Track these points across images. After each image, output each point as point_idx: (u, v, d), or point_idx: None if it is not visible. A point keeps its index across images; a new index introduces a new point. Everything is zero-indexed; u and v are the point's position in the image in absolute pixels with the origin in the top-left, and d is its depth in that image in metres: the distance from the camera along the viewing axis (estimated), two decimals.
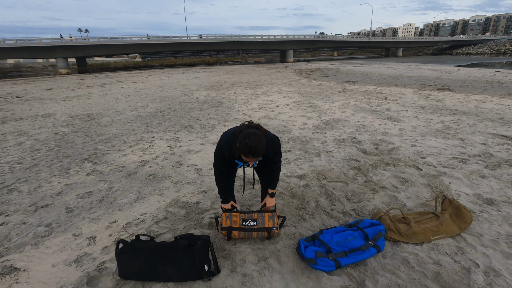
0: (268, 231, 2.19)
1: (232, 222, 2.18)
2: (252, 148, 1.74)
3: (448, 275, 1.88)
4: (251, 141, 1.74)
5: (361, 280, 1.88)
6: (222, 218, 2.20)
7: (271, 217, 2.21)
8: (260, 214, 2.22)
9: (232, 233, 2.19)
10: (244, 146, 1.75)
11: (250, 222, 2.18)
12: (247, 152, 1.76)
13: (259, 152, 1.77)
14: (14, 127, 6.57)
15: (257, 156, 1.79)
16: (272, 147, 2.04)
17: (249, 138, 1.75)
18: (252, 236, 2.23)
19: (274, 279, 1.90)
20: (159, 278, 1.89)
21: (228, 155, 1.98)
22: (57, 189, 3.34)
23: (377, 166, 3.66)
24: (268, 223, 2.19)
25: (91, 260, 2.14)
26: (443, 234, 2.26)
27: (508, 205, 2.69)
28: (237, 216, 2.20)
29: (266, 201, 2.33)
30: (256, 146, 1.74)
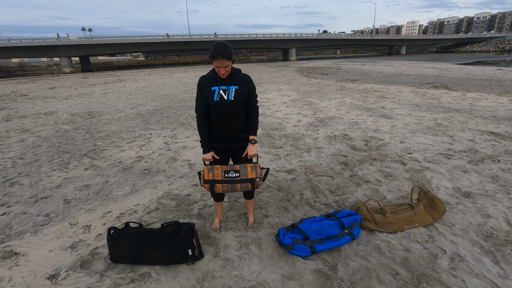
0: (251, 182, 2.13)
1: (214, 175, 2.12)
2: (219, 48, 1.89)
3: (415, 260, 2.01)
4: (218, 44, 1.91)
5: (333, 265, 2.02)
6: (204, 171, 2.15)
7: (254, 168, 2.15)
8: (242, 165, 2.16)
9: (215, 186, 2.14)
10: (212, 48, 1.91)
11: (232, 174, 2.12)
12: (215, 54, 1.89)
13: (226, 52, 1.90)
14: (17, 124, 6.78)
15: (224, 56, 1.89)
16: (242, 76, 2.11)
17: (218, 43, 1.92)
18: (235, 189, 2.17)
19: (253, 263, 2.05)
20: (147, 261, 2.05)
21: (204, 84, 2.08)
22: (57, 182, 3.52)
23: (364, 162, 3.79)
24: (251, 174, 2.13)
25: (85, 246, 2.30)
26: (416, 223, 2.39)
27: (484, 197, 2.80)
28: (219, 169, 2.14)
29: (248, 149, 2.21)
30: (223, 46, 1.91)
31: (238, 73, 2.11)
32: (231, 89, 2.06)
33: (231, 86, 2.06)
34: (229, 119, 2.11)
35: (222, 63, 1.93)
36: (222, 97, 2.05)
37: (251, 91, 2.14)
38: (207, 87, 2.08)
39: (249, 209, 2.55)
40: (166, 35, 41.85)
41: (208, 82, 2.09)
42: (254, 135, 2.24)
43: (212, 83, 2.08)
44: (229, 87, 2.06)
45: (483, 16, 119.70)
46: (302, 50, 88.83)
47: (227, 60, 1.92)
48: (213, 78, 2.08)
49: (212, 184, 2.13)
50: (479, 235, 2.25)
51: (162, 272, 1.99)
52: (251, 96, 2.15)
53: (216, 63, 1.93)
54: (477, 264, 1.95)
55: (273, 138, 4.99)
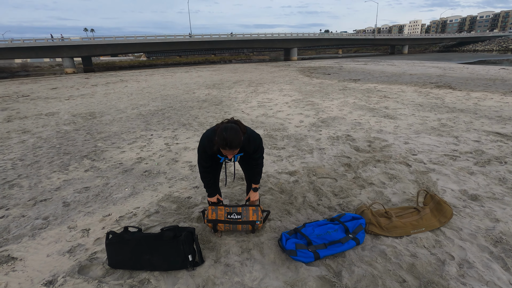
0: (252, 224, 2.28)
1: (217, 215, 2.29)
2: (228, 140, 1.83)
3: (422, 267, 1.95)
4: (227, 134, 1.83)
5: (338, 271, 1.96)
6: (208, 211, 2.31)
7: (255, 211, 2.30)
8: (244, 208, 2.31)
9: (217, 225, 2.29)
10: (221, 139, 1.85)
11: (234, 216, 2.28)
12: (224, 145, 1.85)
13: (235, 145, 1.86)
14: (18, 125, 6.76)
15: (233, 149, 1.88)
16: (250, 142, 2.11)
17: (226, 131, 1.84)
18: (237, 229, 2.33)
19: (254, 269, 1.99)
20: (146, 267, 2.00)
21: (210, 151, 2.07)
22: (56, 184, 3.48)
23: (367, 163, 3.72)
24: (252, 217, 2.28)
25: (83, 250, 2.25)
26: (423, 228, 2.32)
27: (492, 200, 2.73)
28: (222, 210, 2.30)
29: (250, 195, 2.41)
30: (232, 139, 1.84)
31: (246, 139, 2.06)
32: (236, 157, 2.11)
33: (237, 154, 2.08)
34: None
35: (231, 153, 1.93)
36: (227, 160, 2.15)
37: (257, 151, 2.19)
38: (214, 154, 2.10)
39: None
40: (189, 35, 42.23)
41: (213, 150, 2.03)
42: (256, 184, 2.36)
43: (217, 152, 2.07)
44: (235, 155, 2.07)
45: (486, 15, 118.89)
46: (304, 49, 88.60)
47: (235, 151, 1.92)
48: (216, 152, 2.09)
49: (215, 223, 2.27)
50: (488, 240, 2.19)
51: (162, 278, 1.94)
52: (254, 156, 2.21)
53: (224, 152, 1.92)
54: (487, 271, 1.89)
55: (275, 139, 4.93)
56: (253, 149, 2.16)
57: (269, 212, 2.46)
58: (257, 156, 2.23)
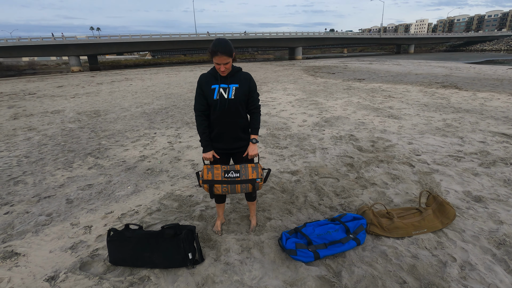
0: (252, 183, 2.05)
1: (214, 175, 2.05)
2: (220, 43, 1.86)
3: (423, 268, 1.93)
4: (218, 40, 1.88)
5: (338, 271, 1.95)
6: (204, 170, 2.08)
7: (255, 168, 2.08)
8: (243, 165, 2.09)
9: (214, 187, 2.06)
10: (212, 45, 1.87)
11: (232, 174, 2.05)
12: (215, 48, 1.85)
13: (227, 49, 1.87)
14: (24, 122, 6.84)
15: (225, 53, 1.85)
16: (243, 74, 2.07)
17: (218, 40, 1.89)
18: (236, 191, 2.08)
19: (254, 268, 1.99)
20: (146, 265, 2.01)
21: (204, 82, 2.04)
22: (60, 181, 3.51)
23: (370, 163, 3.70)
24: (252, 175, 2.06)
25: (85, 247, 2.28)
26: (425, 229, 2.30)
27: (496, 202, 2.69)
28: (219, 168, 2.07)
29: (249, 149, 2.16)
30: (224, 43, 1.87)
31: (239, 72, 2.07)
32: (231, 87, 2.02)
33: (232, 84, 2.02)
34: (229, 118, 2.06)
35: (222, 60, 1.88)
36: (222, 95, 2.00)
37: (252, 89, 2.09)
38: (207, 85, 2.03)
39: (252, 212, 2.49)
40: (207, 34, 42.54)
41: (208, 80, 2.05)
42: (256, 134, 2.18)
43: (212, 81, 2.04)
44: (230, 85, 2.02)
45: (495, 14, 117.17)
46: (308, 49, 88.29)
47: (227, 57, 1.88)
48: (213, 76, 2.04)
49: (211, 184, 2.06)
50: (491, 242, 2.16)
51: (162, 276, 1.95)
52: (252, 95, 2.10)
53: (216, 59, 1.89)
54: (489, 274, 1.86)
55: (278, 138, 4.92)
56: (247, 83, 2.06)
57: (269, 170, 2.24)
58: (255, 97, 2.11)
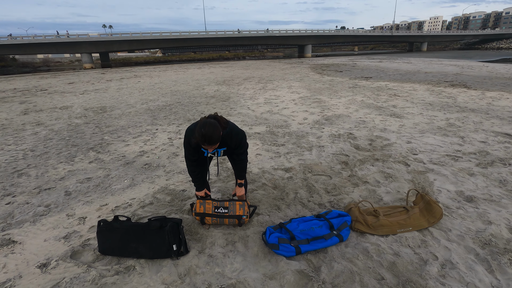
0: (238, 218, 2.34)
1: (205, 209, 2.36)
2: (206, 136, 1.88)
3: (403, 265, 1.94)
4: (205, 130, 1.87)
5: (318, 266, 1.98)
6: (196, 204, 2.39)
7: (242, 205, 2.35)
8: (231, 202, 2.37)
9: (205, 218, 2.37)
10: (199, 135, 1.90)
11: (221, 210, 2.35)
12: (202, 141, 1.91)
13: (214, 141, 1.91)
14: (33, 118, 7.07)
15: (211, 144, 1.93)
16: (232, 137, 2.16)
17: (204, 127, 1.88)
18: (224, 223, 2.39)
19: (236, 261, 2.04)
20: (132, 255, 2.08)
21: (194, 144, 2.13)
22: (61, 174, 3.64)
23: (365, 162, 3.69)
24: (238, 211, 2.34)
25: (78, 237, 2.37)
26: (410, 227, 2.30)
27: (488, 203, 2.66)
28: (210, 203, 2.36)
29: (236, 191, 2.46)
30: (210, 134, 1.88)
31: (227, 134, 2.11)
32: (219, 151, 2.19)
33: (220, 148, 2.17)
34: None
35: (210, 148, 1.99)
36: (212, 157, 2.22)
37: (238, 147, 2.23)
38: (197, 147, 2.15)
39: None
40: (237, 31, 42.93)
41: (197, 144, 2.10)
42: (242, 179, 2.40)
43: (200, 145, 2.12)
44: (218, 149, 2.16)
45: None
46: (319, 46, 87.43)
47: (215, 145, 1.97)
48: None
49: (202, 216, 2.34)
50: (476, 242, 2.15)
51: (147, 265, 2.02)
52: (238, 151, 2.25)
53: (204, 147, 1.98)
54: (469, 273, 1.86)
55: (276, 135, 4.95)
56: (235, 144, 2.20)
57: (255, 208, 2.49)
58: (240, 151, 2.27)
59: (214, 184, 3.25)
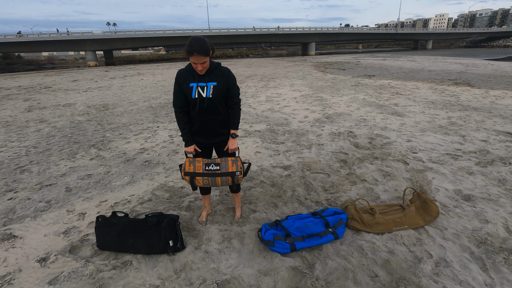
0: (231, 175, 2.12)
1: (195, 167, 2.14)
2: (196, 43, 1.83)
3: (397, 263, 1.95)
4: (195, 39, 1.85)
5: (312, 263, 1.99)
6: (185, 163, 2.18)
7: (235, 161, 2.15)
8: (223, 159, 2.18)
9: (195, 179, 2.14)
10: (188, 44, 1.84)
11: (213, 167, 2.13)
12: (191, 48, 1.82)
13: (204, 49, 1.85)
14: (37, 115, 7.15)
15: (201, 53, 1.85)
16: (222, 71, 2.07)
17: (194, 39, 1.86)
18: (216, 183, 2.15)
19: (231, 257, 2.07)
20: (129, 250, 2.12)
21: (182, 79, 2.04)
22: (62, 171, 3.69)
23: (364, 160, 3.69)
24: (231, 168, 2.13)
25: (77, 232, 2.41)
26: (406, 225, 2.30)
27: (485, 202, 2.66)
28: (200, 161, 2.16)
29: (229, 143, 2.23)
30: (200, 42, 1.84)
31: (217, 68, 2.08)
32: (209, 85, 2.04)
33: (209, 82, 2.04)
34: (208, 115, 2.11)
35: (199, 59, 1.89)
36: (201, 94, 2.03)
37: (230, 86, 2.10)
38: (185, 82, 2.05)
39: (236, 203, 2.56)
40: (253, 29, 43.07)
41: (186, 77, 2.06)
42: (235, 129, 2.23)
43: (189, 79, 2.05)
44: (207, 83, 2.03)
45: None
46: (322, 44, 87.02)
47: (203, 56, 1.88)
48: (190, 73, 2.05)
49: (192, 176, 2.15)
50: (472, 240, 2.15)
51: (143, 261, 2.05)
52: (230, 91, 2.12)
53: (193, 59, 1.89)
54: (463, 271, 1.86)
55: (276, 133, 4.96)
56: (227, 83, 2.08)
57: (249, 164, 2.31)
58: (234, 93, 2.13)
59: None
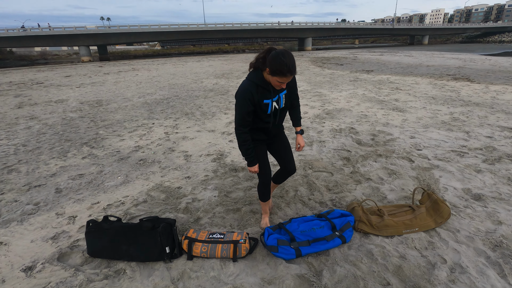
0: (234, 243, 1.95)
1: (198, 235, 2.03)
2: (290, 64, 1.63)
3: (410, 269, 1.83)
4: (287, 59, 1.62)
5: (319, 270, 1.86)
6: (190, 230, 2.09)
7: (240, 233, 2.05)
8: (229, 231, 2.12)
9: (194, 244, 1.97)
10: (281, 65, 1.62)
11: (217, 235, 2.03)
12: (286, 71, 1.64)
13: (295, 68, 1.69)
14: (28, 111, 6.91)
15: (294, 73, 1.70)
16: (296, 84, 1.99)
17: (284, 56, 1.62)
18: (215, 252, 1.95)
19: (232, 264, 1.93)
20: (123, 257, 1.97)
21: (256, 97, 1.79)
22: (53, 170, 3.51)
23: (367, 157, 3.56)
24: (236, 237, 2.00)
25: (66, 237, 2.25)
26: (416, 228, 2.18)
27: (497, 201, 2.54)
28: (205, 232, 2.08)
29: (299, 141, 2.17)
30: (292, 62, 1.65)
31: None
32: (281, 95, 1.88)
33: (281, 92, 1.88)
34: (280, 126, 2.10)
35: (290, 79, 1.71)
36: (276, 108, 1.89)
37: (294, 87, 1.99)
38: (260, 100, 1.81)
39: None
40: (278, 24, 42.71)
41: (261, 93, 1.80)
42: (300, 125, 2.20)
43: (265, 95, 1.82)
44: (280, 94, 1.87)
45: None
46: (319, 39, 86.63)
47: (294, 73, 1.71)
48: (265, 89, 1.81)
49: (191, 241, 1.98)
50: (487, 243, 2.03)
51: (138, 269, 1.90)
52: (294, 92, 2.03)
53: (282, 79, 1.68)
54: (480, 277, 1.75)
55: None
56: (293, 85, 1.96)
57: (257, 241, 2.11)
58: (296, 93, 2.05)
59: (211, 181, 3.12)
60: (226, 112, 6.13)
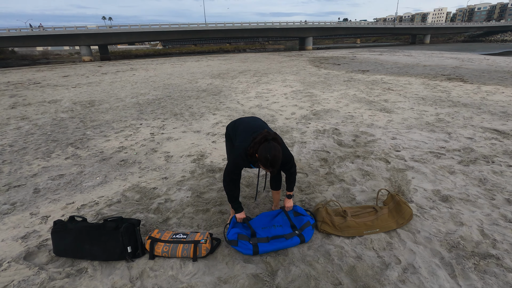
0: (195, 243, 1.99)
1: (162, 235, 2.09)
2: (273, 162, 1.87)
3: (363, 270, 1.87)
4: (271, 156, 1.85)
5: (275, 269, 1.91)
6: (154, 231, 2.14)
7: (203, 233, 2.10)
8: (193, 232, 2.17)
9: (156, 243, 2.02)
10: (265, 160, 1.86)
11: (180, 236, 2.08)
12: (267, 166, 1.89)
13: (278, 165, 1.92)
14: (20, 112, 7.00)
15: (276, 168, 1.93)
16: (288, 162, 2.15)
17: (270, 152, 1.85)
18: (176, 252, 1.99)
19: (192, 263, 1.97)
20: (86, 256, 2.02)
21: (242, 165, 2.09)
22: (34, 171, 3.57)
23: (345, 159, 3.60)
24: (198, 238, 2.04)
25: (36, 237, 2.31)
26: (377, 229, 2.22)
27: (463, 202, 2.57)
28: (170, 232, 2.13)
29: (285, 202, 2.34)
30: (276, 160, 1.88)
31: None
32: None
33: None
34: None
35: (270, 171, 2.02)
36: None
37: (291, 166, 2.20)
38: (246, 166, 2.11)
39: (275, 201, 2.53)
40: (304, 22, 43.04)
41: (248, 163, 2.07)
42: (291, 191, 2.33)
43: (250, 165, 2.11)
44: None
45: None
46: (320, 39, 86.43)
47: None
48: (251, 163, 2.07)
49: (153, 240, 2.04)
50: (444, 244, 2.06)
51: (100, 268, 1.96)
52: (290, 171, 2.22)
53: (265, 169, 1.95)
54: (430, 278, 1.78)
55: None
56: (286, 167, 2.19)
57: (220, 241, 2.16)
58: (292, 171, 2.24)
59: (187, 181, 3.17)
60: (215, 113, 6.18)
